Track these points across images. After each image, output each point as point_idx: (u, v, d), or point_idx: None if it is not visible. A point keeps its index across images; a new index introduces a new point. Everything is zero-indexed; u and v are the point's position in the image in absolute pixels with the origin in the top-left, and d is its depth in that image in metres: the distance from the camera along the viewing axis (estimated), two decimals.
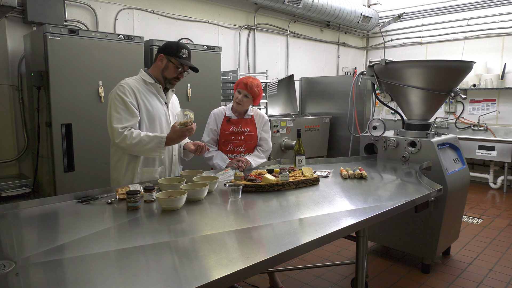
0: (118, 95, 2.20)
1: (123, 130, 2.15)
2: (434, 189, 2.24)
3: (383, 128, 3.29)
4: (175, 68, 2.29)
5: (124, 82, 2.26)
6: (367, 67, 3.45)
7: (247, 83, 2.71)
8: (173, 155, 2.44)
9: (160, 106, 2.35)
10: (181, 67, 2.30)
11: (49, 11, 3.68)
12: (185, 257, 1.34)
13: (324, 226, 1.62)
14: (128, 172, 2.31)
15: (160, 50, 2.31)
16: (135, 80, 2.31)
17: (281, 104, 6.22)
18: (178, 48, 2.28)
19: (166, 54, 2.28)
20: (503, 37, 6.23)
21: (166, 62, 2.29)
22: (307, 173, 2.40)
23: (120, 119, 2.18)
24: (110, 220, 1.72)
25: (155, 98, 2.33)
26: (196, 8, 5.18)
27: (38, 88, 3.29)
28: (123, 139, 2.15)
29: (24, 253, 1.33)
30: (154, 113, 2.30)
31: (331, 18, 6.56)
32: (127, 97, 2.20)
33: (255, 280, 2.95)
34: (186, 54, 2.31)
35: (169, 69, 2.30)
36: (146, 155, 2.27)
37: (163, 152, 2.22)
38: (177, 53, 2.27)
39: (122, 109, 2.19)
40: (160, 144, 2.17)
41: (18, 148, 3.83)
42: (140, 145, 2.15)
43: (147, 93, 2.30)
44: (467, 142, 5.70)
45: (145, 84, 2.32)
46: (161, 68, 2.30)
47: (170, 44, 2.32)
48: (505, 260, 3.38)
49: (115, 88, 2.24)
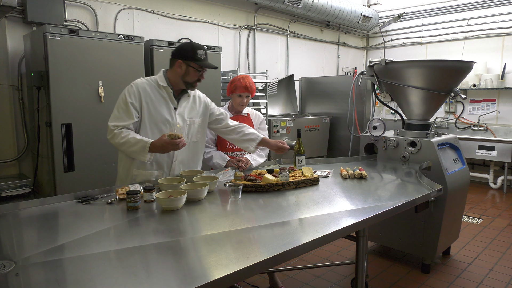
0: (124, 94, 2.23)
1: (114, 128, 2.17)
2: (434, 189, 2.24)
3: (383, 128, 3.29)
4: (195, 71, 2.24)
5: (135, 82, 2.27)
6: (367, 67, 3.45)
7: (247, 85, 2.74)
8: (173, 161, 2.35)
9: (167, 111, 2.29)
10: (202, 69, 2.25)
11: (49, 11, 3.68)
12: (185, 257, 1.34)
13: (324, 226, 1.62)
14: (129, 174, 2.31)
15: (176, 56, 2.25)
16: (148, 81, 2.29)
17: (281, 104, 6.22)
18: (195, 50, 2.21)
19: (184, 59, 2.22)
20: (503, 37, 6.23)
21: (186, 68, 2.22)
22: (307, 173, 2.40)
23: (117, 117, 2.19)
24: (110, 220, 1.72)
25: (163, 102, 2.28)
26: (196, 8, 5.18)
27: (38, 88, 3.28)
28: (112, 137, 2.17)
29: (24, 253, 1.33)
30: (157, 118, 2.26)
31: (331, 18, 6.56)
32: (130, 98, 2.20)
33: (255, 280, 2.95)
34: (203, 55, 2.25)
35: (190, 74, 2.24)
36: (133, 157, 2.22)
37: (148, 157, 2.15)
38: (195, 56, 2.21)
39: (122, 109, 2.20)
40: (143, 149, 2.11)
41: (18, 148, 3.83)
42: (125, 146, 2.15)
43: (155, 96, 2.26)
44: (467, 142, 5.70)
45: (157, 86, 2.28)
46: (181, 74, 2.24)
47: (186, 48, 2.24)
48: (505, 260, 3.38)
49: (128, 86, 2.27)
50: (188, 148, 2.39)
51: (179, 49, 2.26)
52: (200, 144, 2.51)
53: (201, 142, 2.52)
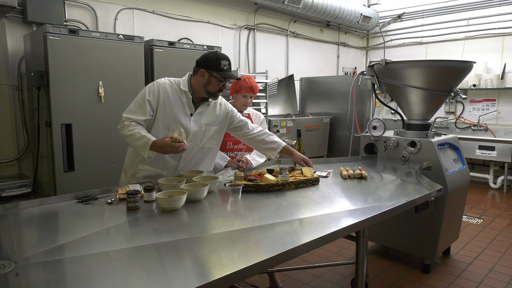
0: (145, 90, 2.26)
1: (125, 119, 2.21)
2: (434, 189, 2.24)
3: (383, 128, 3.29)
4: (218, 82, 2.22)
5: (158, 80, 2.31)
6: (367, 67, 3.45)
7: (252, 86, 2.75)
8: (179, 163, 2.35)
9: (183, 115, 2.28)
10: (224, 80, 2.24)
11: (49, 11, 3.68)
12: (185, 257, 1.34)
13: (324, 226, 1.62)
14: (133, 166, 2.35)
15: (200, 65, 2.24)
16: (171, 83, 2.30)
17: (281, 104, 6.22)
18: (219, 61, 2.19)
19: (207, 69, 2.20)
20: (503, 37, 6.23)
21: (208, 77, 2.21)
22: (307, 173, 2.40)
23: (131, 110, 2.24)
24: (110, 220, 1.72)
25: (180, 106, 2.28)
26: (196, 8, 5.18)
27: (38, 88, 3.29)
28: (122, 128, 2.21)
29: (24, 253, 1.33)
30: (171, 120, 2.25)
31: (331, 18, 6.56)
32: (149, 96, 2.23)
33: (255, 280, 2.95)
34: (227, 65, 2.22)
35: (212, 84, 2.22)
36: (136, 151, 2.25)
37: (149, 155, 2.15)
38: (218, 66, 2.19)
39: (139, 104, 2.24)
40: (145, 146, 2.13)
41: (18, 148, 3.83)
42: (130, 139, 2.18)
43: (174, 98, 2.27)
44: (467, 142, 5.70)
45: (179, 89, 2.29)
46: (203, 83, 2.24)
47: (210, 57, 2.22)
48: (505, 260, 3.38)
49: (151, 83, 2.30)
50: (200, 153, 2.42)
51: (203, 58, 2.24)
52: (214, 150, 2.51)
53: (215, 149, 2.52)
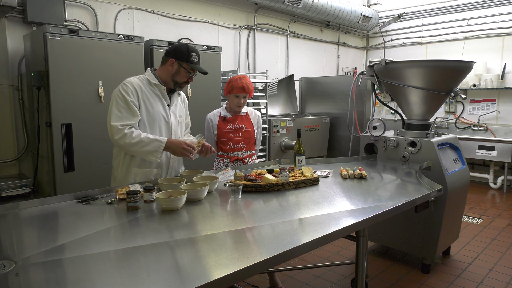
0: (121, 93, 2.20)
1: (123, 127, 2.15)
2: (434, 189, 2.24)
3: (383, 128, 3.29)
4: (186, 73, 2.29)
5: (128, 80, 2.26)
6: (367, 67, 3.45)
7: (243, 86, 2.73)
8: (170, 158, 2.40)
9: (162, 108, 2.33)
10: (193, 72, 2.30)
11: (49, 11, 3.68)
12: (185, 257, 1.34)
13: (324, 226, 1.62)
14: (129, 174, 2.31)
15: (170, 54, 2.28)
16: (140, 80, 2.30)
17: (281, 104, 6.22)
18: (189, 53, 2.26)
19: (177, 59, 2.26)
20: (503, 37, 6.23)
21: (177, 67, 2.27)
22: (307, 173, 2.40)
23: (120, 117, 2.17)
24: (110, 220, 1.72)
25: (158, 99, 2.32)
26: (196, 8, 5.18)
27: (38, 88, 3.28)
28: (123, 137, 2.14)
29: (24, 253, 1.33)
30: (155, 115, 2.29)
31: (331, 18, 6.56)
32: (129, 96, 2.20)
33: (255, 280, 2.95)
34: (196, 58, 2.30)
35: (180, 74, 2.29)
36: (142, 157, 2.23)
37: (160, 157, 2.20)
38: (188, 58, 2.26)
39: (124, 108, 2.19)
40: (158, 148, 2.16)
41: (18, 148, 3.83)
42: (138, 146, 2.15)
43: (150, 94, 2.29)
44: (467, 142, 5.71)
45: (149, 84, 2.30)
46: (171, 72, 2.28)
47: (181, 48, 2.28)
48: (505, 260, 3.38)
49: (119, 86, 2.25)
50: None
51: (174, 49, 2.29)
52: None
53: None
